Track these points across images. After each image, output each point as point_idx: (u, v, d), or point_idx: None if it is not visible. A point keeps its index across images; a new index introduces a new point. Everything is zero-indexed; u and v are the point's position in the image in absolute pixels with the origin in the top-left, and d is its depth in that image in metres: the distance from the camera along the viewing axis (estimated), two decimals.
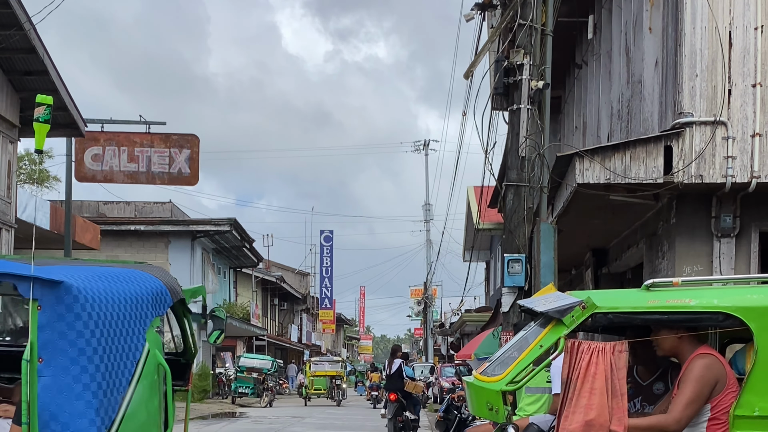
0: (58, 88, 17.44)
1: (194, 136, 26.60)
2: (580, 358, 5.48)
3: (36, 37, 16.28)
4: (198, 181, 26.81)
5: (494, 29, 13.25)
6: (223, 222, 32.93)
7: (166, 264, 31.17)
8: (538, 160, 12.49)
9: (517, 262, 12.43)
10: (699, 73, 9.77)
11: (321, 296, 67.62)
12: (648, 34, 11.19)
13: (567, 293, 6.12)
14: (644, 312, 5.67)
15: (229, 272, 41.97)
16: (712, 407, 5.48)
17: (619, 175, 9.88)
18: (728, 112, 9.73)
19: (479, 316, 35.24)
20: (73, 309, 4.61)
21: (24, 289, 4.61)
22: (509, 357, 5.94)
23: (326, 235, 67.54)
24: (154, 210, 34.58)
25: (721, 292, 5.85)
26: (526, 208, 12.66)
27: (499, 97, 13.29)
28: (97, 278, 4.92)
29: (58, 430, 4.52)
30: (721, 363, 5.56)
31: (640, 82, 11.60)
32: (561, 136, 18.29)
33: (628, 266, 13.92)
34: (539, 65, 12.59)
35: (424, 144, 60.65)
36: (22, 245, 21.21)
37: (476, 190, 32.30)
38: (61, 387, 4.55)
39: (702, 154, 9.66)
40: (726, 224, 10.04)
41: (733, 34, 9.76)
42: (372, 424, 25.67)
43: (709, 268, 10.08)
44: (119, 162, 26.02)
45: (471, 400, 6.24)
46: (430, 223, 61.95)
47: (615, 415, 5.41)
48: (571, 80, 17.12)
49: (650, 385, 6.43)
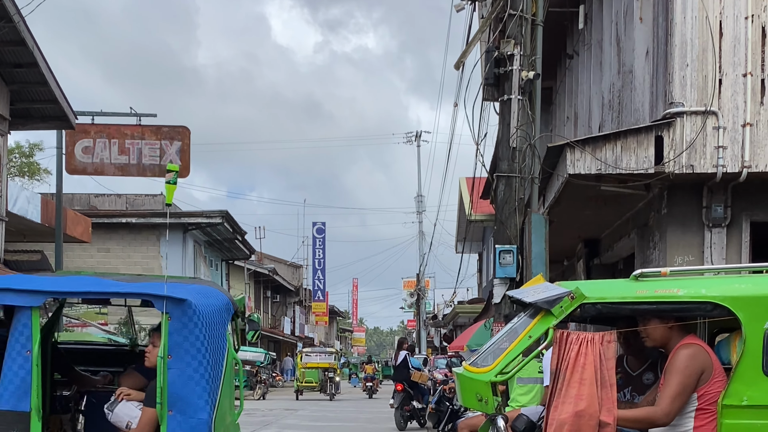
0: (47, 80, 17.34)
1: (185, 128, 26.48)
2: (569, 349, 5.47)
3: (25, 29, 16.18)
4: (189, 174, 26.72)
5: (485, 19, 13.21)
6: (215, 214, 32.80)
7: (158, 257, 31.09)
8: (529, 151, 12.47)
9: (509, 253, 12.41)
10: (690, 63, 9.75)
11: (314, 288, 67.57)
12: (639, 24, 11.17)
13: (556, 284, 6.11)
14: (632, 302, 5.66)
15: (222, 265, 41.86)
16: (698, 397, 5.48)
17: (610, 166, 9.86)
18: (719, 101, 9.72)
19: (472, 308, 35.27)
20: (192, 320, 6.14)
21: (159, 305, 6.12)
22: (499, 348, 5.92)
23: (319, 227, 67.45)
24: (145, 202, 34.46)
25: (710, 282, 5.84)
26: (518, 199, 12.64)
27: (490, 88, 13.27)
28: (199, 294, 6.38)
29: (183, 408, 6.10)
30: (706, 352, 5.55)
31: (631, 72, 11.58)
32: (552, 126, 18.28)
33: (619, 257, 13.92)
34: (530, 56, 12.55)
35: (416, 135, 60.56)
36: (13, 238, 21.14)
37: (468, 182, 32.32)
38: (184, 377, 6.10)
39: (693, 144, 9.65)
40: (717, 214, 10.04)
41: (723, 23, 9.74)
42: (365, 416, 25.69)
43: (701, 258, 10.08)
44: (110, 154, 25.89)
45: (461, 392, 6.22)
46: (422, 215, 61.95)
47: (604, 406, 5.41)
48: (562, 71, 17.10)
49: (640, 375, 6.43)
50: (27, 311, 6.04)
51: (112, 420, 6.69)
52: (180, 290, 6.21)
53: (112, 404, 6.71)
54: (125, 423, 6.60)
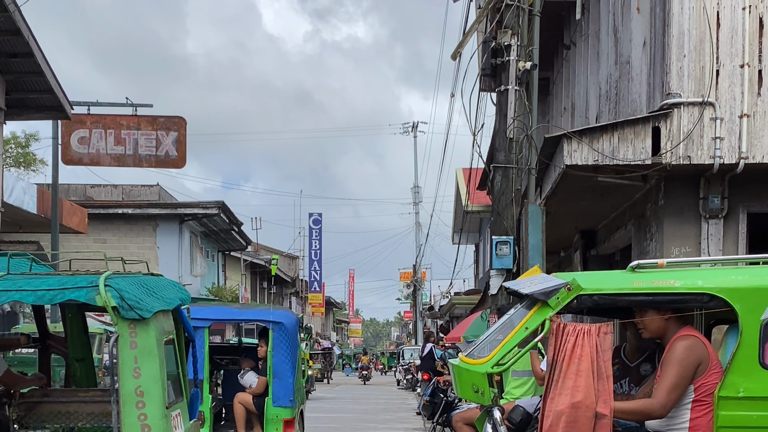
0: (43, 70, 17.25)
1: (181, 118, 26.37)
2: (565, 340, 5.46)
3: (21, 19, 16.09)
4: (185, 164, 26.66)
5: (481, 9, 13.16)
6: (211, 205, 32.71)
7: (155, 247, 31.02)
8: (526, 142, 12.45)
9: (506, 245, 12.40)
10: (687, 54, 9.71)
11: (310, 279, 67.53)
12: (636, 15, 11.13)
13: (553, 275, 6.09)
14: (629, 293, 5.65)
15: (218, 255, 41.82)
16: (695, 389, 5.47)
17: (608, 157, 9.84)
18: (716, 92, 9.69)
19: (468, 299, 35.20)
20: (284, 332, 10.84)
21: (267, 324, 11.00)
22: (495, 339, 5.91)
23: (315, 218, 67.37)
24: (141, 193, 34.38)
25: (706, 273, 5.82)
26: (514, 190, 12.62)
27: (487, 78, 13.23)
28: (286, 317, 11.16)
29: (279, 376, 10.82)
30: (703, 344, 5.54)
31: (628, 63, 11.54)
32: (549, 117, 18.23)
33: (616, 248, 13.90)
34: (527, 46, 12.52)
35: (412, 126, 60.50)
36: (9, 229, 21.08)
37: (465, 172, 32.23)
38: (281, 362, 10.83)
39: (690, 135, 9.63)
40: (714, 205, 10.02)
41: (721, 14, 9.70)
42: (362, 407, 25.69)
43: (697, 249, 10.06)
44: (106, 145, 25.78)
45: (457, 383, 6.21)
46: (419, 206, 61.93)
47: (601, 397, 5.40)
48: (560, 61, 17.05)
49: (637, 366, 6.43)
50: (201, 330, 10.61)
51: (241, 383, 11.61)
52: (277, 315, 11.05)
53: (241, 375, 11.68)
54: (249, 384, 11.53)
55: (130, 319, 5.57)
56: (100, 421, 6.62)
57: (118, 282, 5.63)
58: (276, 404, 10.91)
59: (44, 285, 5.67)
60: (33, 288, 5.64)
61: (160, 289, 6.22)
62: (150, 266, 7.39)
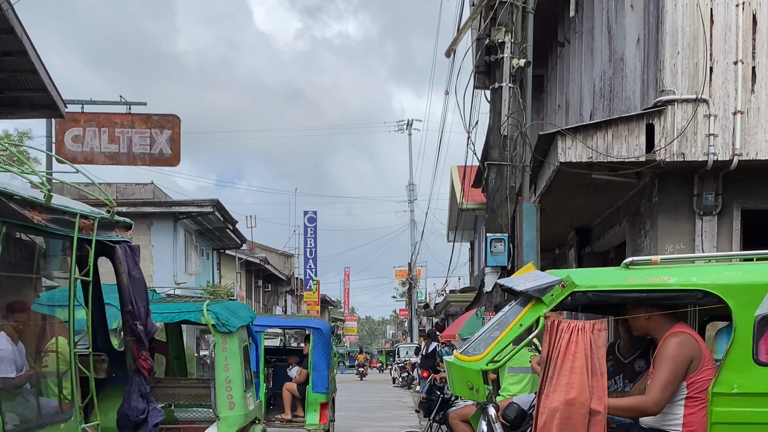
0: (37, 68, 17.17)
1: (175, 116, 26.31)
2: (559, 337, 5.46)
3: (14, 17, 16.04)
4: (179, 162, 26.62)
5: (475, 7, 13.15)
6: (205, 203, 32.58)
7: (149, 246, 30.95)
8: (520, 139, 12.45)
9: (500, 242, 12.39)
10: (680, 51, 9.72)
11: (305, 278, 67.42)
12: (630, 12, 11.13)
13: (547, 272, 6.09)
14: (623, 290, 5.65)
15: (213, 254, 41.71)
16: (688, 385, 5.47)
17: (602, 154, 9.84)
18: (710, 89, 9.70)
19: (464, 297, 35.24)
20: (322, 336, 13.90)
21: (309, 330, 14.33)
22: (490, 336, 5.91)
23: (310, 216, 67.22)
24: (135, 192, 34.29)
25: (700, 270, 5.83)
26: (509, 188, 12.62)
27: (481, 76, 13.23)
28: (322, 324, 14.41)
29: (318, 369, 13.69)
30: (695, 340, 5.54)
31: (622, 60, 11.54)
32: (543, 114, 18.24)
33: (611, 245, 13.92)
34: (521, 43, 12.52)
35: (407, 124, 60.41)
36: None
37: (460, 170, 32.23)
38: (319, 359, 13.69)
39: (684, 131, 9.64)
40: (708, 202, 10.03)
41: (714, 10, 9.71)
42: (357, 404, 25.69)
43: (692, 246, 10.08)
44: (100, 143, 25.73)
45: (452, 380, 6.21)
46: (414, 204, 61.87)
47: (595, 394, 5.40)
48: (554, 58, 17.05)
49: (632, 363, 6.43)
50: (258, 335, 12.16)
51: (289, 374, 14.75)
52: (316, 323, 14.41)
53: (289, 368, 14.90)
54: (295, 376, 14.64)
55: (223, 333, 8.12)
56: (195, 401, 8.91)
57: (214, 307, 8.29)
58: (315, 390, 13.77)
59: (168, 309, 8.42)
60: (160, 311, 8.22)
61: (239, 310, 8.85)
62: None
